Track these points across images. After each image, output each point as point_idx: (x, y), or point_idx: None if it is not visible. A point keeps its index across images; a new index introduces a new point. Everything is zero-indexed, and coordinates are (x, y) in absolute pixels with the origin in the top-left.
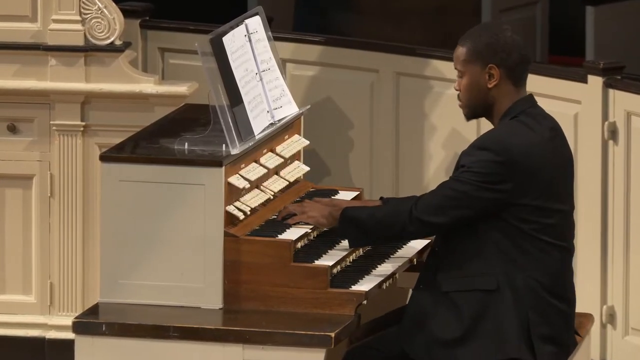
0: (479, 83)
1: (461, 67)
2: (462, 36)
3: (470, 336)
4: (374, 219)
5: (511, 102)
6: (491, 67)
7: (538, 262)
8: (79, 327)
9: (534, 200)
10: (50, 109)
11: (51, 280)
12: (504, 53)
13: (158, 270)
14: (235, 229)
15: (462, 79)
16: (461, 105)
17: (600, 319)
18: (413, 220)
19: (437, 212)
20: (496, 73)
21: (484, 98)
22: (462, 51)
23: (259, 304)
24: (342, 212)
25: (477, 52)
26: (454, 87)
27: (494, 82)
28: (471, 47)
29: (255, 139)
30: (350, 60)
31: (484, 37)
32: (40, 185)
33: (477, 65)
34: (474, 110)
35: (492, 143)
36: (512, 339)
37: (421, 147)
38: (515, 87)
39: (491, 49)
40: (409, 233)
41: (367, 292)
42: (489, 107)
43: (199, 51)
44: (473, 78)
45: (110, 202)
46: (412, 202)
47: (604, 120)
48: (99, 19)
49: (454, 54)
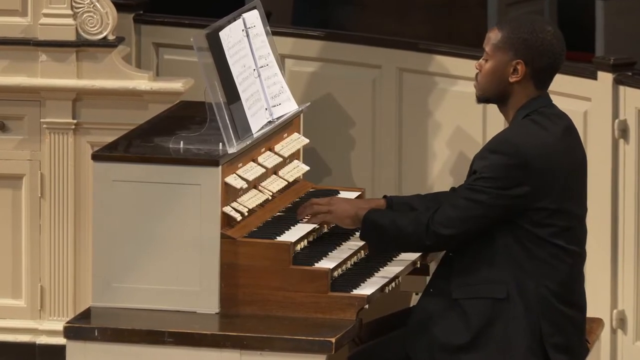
0: (502, 73)
1: (489, 50)
2: (502, 19)
3: (477, 344)
4: (396, 228)
5: (527, 99)
6: (518, 62)
7: (550, 269)
8: (70, 332)
9: (552, 202)
10: (41, 106)
11: (42, 284)
12: (536, 53)
13: (152, 273)
14: (232, 231)
15: (486, 62)
16: (476, 86)
17: (611, 323)
18: (430, 233)
19: (453, 224)
20: (521, 69)
21: (502, 88)
22: (496, 35)
23: (257, 309)
24: (365, 215)
25: (511, 43)
26: (474, 65)
27: (516, 78)
28: (507, 35)
29: (253, 137)
30: (352, 55)
31: (523, 30)
32: (31, 185)
33: (506, 55)
34: (487, 96)
35: (504, 146)
36: (520, 350)
37: (425, 146)
38: (536, 88)
39: (526, 44)
40: (427, 246)
41: (369, 296)
42: (504, 98)
43: (194, 46)
44: (497, 65)
45: (103, 202)
46: (429, 215)
47: (614, 118)
48: (91, 13)
49: (487, 33)
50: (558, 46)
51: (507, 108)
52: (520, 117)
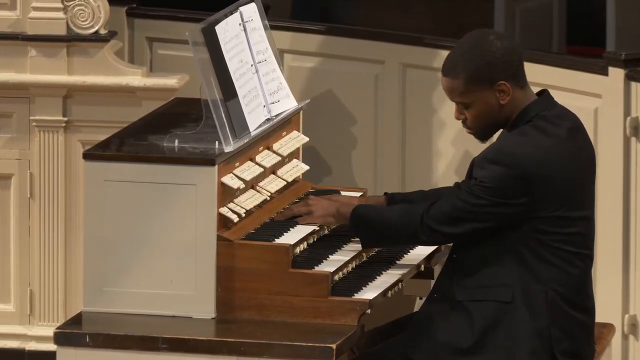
0: (491, 105)
1: (463, 99)
2: (443, 67)
3: (481, 347)
4: (386, 220)
5: (522, 105)
6: (500, 84)
7: (559, 273)
8: (60, 338)
9: (554, 211)
10: (30, 103)
11: (31, 288)
12: (505, 64)
13: (146, 276)
14: (229, 233)
15: (468, 110)
16: (473, 133)
17: (622, 329)
18: (424, 227)
19: (448, 222)
20: (507, 88)
21: (498, 117)
22: (456, 84)
23: (255, 314)
24: (353, 210)
25: (478, 77)
26: (454, 115)
27: (506, 98)
28: (467, 75)
29: (251, 135)
30: (353, 50)
31: (477, 59)
32: (19, 185)
33: (483, 89)
34: (490, 133)
35: (504, 156)
36: (524, 355)
37: (429, 145)
38: (521, 88)
39: (493, 67)
40: (421, 240)
41: (371, 300)
42: (504, 123)
43: (190, 41)
44: (483, 103)
45: (95, 203)
46: (424, 207)
47: (626, 115)
48: (83, 7)
49: (443, 88)
50: (508, 40)
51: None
52: (522, 123)
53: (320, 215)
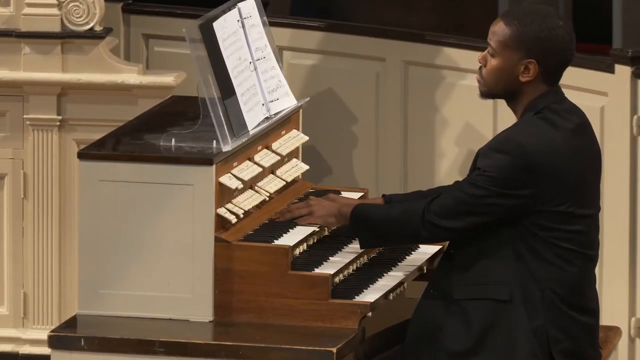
0: (511, 72)
1: (496, 47)
2: (507, 11)
3: (480, 349)
4: (387, 218)
5: (535, 95)
6: (530, 62)
7: (558, 272)
8: (55, 341)
9: (558, 205)
10: (24, 101)
11: (25, 290)
12: (549, 52)
13: (142, 279)
14: (227, 234)
15: (492, 58)
16: (480, 81)
17: (629, 332)
18: (426, 223)
19: (451, 216)
20: (534, 69)
21: (511, 87)
22: (504, 31)
23: (253, 317)
24: (353, 210)
25: (522, 41)
26: (477, 58)
27: (527, 77)
28: (517, 32)
29: (249, 134)
30: (354, 47)
31: (534, 26)
32: (13, 186)
33: (516, 53)
34: (494, 93)
35: (510, 146)
36: (522, 354)
37: (432, 144)
38: (547, 85)
39: (538, 43)
40: (423, 237)
41: (373, 303)
42: (512, 96)
43: (187, 38)
44: (506, 64)
45: (90, 204)
46: (424, 204)
47: (633, 113)
48: (77, 3)
49: (492, 26)
50: (570, 41)
51: (516, 104)
52: (531, 113)
53: (321, 215)
